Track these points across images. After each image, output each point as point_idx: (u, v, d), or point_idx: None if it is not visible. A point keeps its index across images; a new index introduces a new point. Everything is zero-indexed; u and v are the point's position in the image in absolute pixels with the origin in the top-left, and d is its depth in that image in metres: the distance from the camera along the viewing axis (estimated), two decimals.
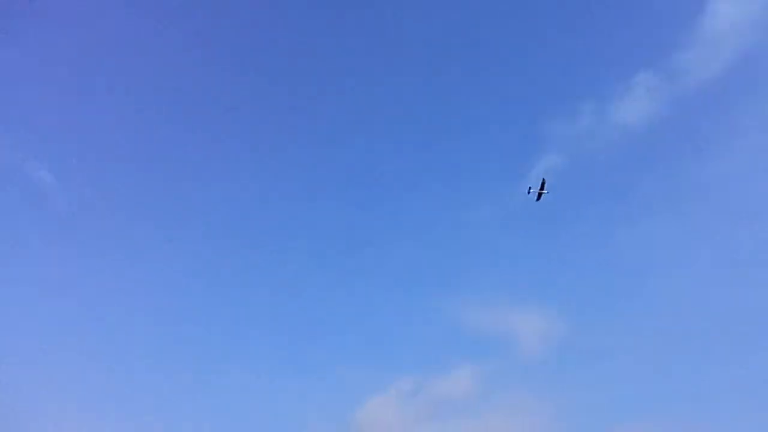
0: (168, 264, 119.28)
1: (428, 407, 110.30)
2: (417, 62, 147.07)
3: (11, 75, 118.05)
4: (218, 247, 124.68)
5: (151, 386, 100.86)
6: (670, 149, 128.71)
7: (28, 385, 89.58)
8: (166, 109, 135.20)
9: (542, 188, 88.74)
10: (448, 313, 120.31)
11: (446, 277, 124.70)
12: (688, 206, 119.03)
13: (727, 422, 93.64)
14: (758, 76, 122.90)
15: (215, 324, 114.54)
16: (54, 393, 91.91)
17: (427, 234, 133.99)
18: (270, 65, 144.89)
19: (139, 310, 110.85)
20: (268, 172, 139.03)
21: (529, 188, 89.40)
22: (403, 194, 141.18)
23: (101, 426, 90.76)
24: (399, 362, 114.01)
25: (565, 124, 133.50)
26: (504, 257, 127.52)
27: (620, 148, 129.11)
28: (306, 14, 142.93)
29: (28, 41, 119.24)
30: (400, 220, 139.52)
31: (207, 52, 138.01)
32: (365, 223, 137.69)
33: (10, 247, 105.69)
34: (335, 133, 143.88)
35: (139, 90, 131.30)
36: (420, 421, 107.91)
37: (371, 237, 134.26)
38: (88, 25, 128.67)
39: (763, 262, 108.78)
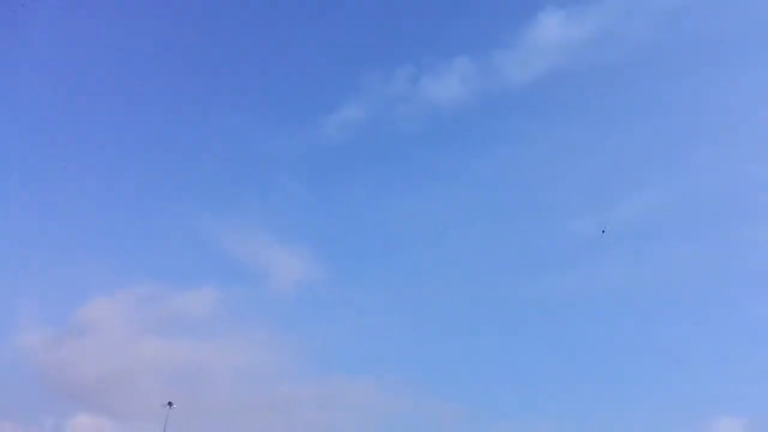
0: None
1: (161, 320, 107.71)
2: None
3: None
4: None
5: None
6: (465, 134, 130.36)
7: None
8: None
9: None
10: (206, 231, 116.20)
11: (215, 198, 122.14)
12: (465, 190, 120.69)
13: (444, 385, 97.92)
14: (560, 91, 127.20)
15: None
16: None
17: (209, 153, 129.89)
18: None
19: None
20: None
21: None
22: (203, 110, 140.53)
23: None
24: (137, 267, 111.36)
25: (378, 82, 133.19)
26: (279, 193, 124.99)
27: (420, 120, 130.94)
28: None
29: None
30: (192, 133, 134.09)
31: None
32: (160, 127, 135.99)
33: None
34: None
35: None
36: (149, 331, 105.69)
37: (159, 140, 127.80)
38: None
39: (517, 238, 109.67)
